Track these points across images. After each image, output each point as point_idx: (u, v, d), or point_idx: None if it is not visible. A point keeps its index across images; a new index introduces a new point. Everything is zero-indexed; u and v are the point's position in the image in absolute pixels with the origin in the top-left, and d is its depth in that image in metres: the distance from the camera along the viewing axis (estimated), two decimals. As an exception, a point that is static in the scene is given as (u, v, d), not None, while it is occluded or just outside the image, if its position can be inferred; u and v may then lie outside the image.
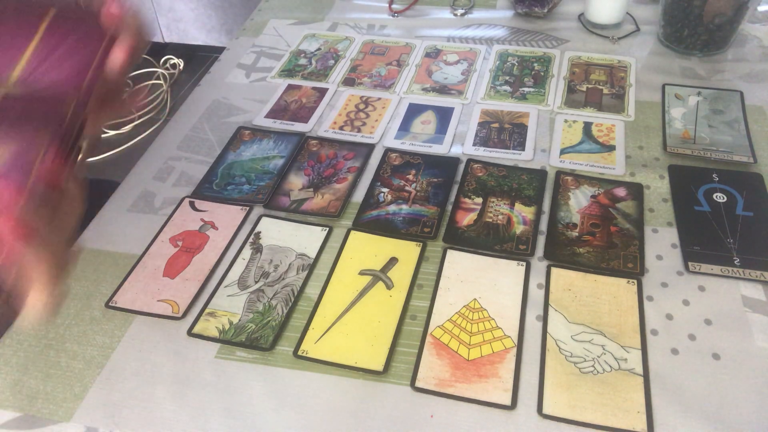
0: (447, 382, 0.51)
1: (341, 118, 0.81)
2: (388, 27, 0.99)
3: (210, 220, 0.67)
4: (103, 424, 0.50)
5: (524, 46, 0.93)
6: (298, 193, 0.69)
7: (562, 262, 0.60)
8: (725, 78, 0.83)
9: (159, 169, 0.74)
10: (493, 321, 0.55)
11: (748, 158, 0.70)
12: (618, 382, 0.50)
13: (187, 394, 0.51)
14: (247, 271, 0.61)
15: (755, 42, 0.91)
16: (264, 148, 0.76)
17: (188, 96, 0.87)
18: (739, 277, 0.57)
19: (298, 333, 0.55)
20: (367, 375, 0.52)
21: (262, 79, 0.89)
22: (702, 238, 0.61)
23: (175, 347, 0.55)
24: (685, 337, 0.53)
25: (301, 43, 0.96)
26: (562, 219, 0.64)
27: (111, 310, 0.58)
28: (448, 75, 0.87)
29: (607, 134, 0.75)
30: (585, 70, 0.86)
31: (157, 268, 0.62)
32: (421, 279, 0.60)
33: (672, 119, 0.77)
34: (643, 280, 0.58)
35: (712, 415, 0.48)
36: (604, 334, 0.54)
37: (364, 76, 0.88)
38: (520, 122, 0.78)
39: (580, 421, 0.48)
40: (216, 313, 0.57)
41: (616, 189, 0.67)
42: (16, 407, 0.51)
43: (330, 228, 0.65)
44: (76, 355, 0.55)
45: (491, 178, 0.70)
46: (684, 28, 0.86)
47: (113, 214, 0.69)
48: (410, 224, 0.65)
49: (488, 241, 0.62)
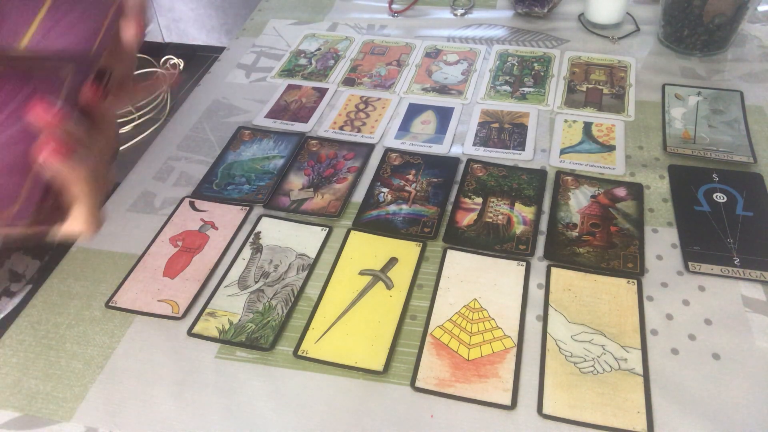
0: (447, 382, 0.51)
1: (341, 118, 0.81)
2: (388, 27, 0.99)
3: (210, 220, 0.67)
4: (103, 424, 0.50)
5: (524, 46, 0.93)
6: (298, 193, 0.69)
7: (562, 262, 0.60)
8: (725, 78, 0.83)
9: (159, 169, 0.74)
10: (493, 321, 0.55)
11: (748, 158, 0.70)
12: (618, 382, 0.50)
13: (187, 394, 0.51)
14: (247, 271, 0.61)
15: (755, 42, 0.91)
16: (264, 148, 0.76)
17: (188, 96, 0.87)
18: (739, 277, 0.57)
19: (298, 333, 0.55)
20: (367, 375, 0.52)
21: (262, 79, 0.89)
22: (702, 238, 0.61)
23: (175, 347, 0.55)
24: (685, 337, 0.53)
25: (301, 43, 0.96)
26: (562, 219, 0.64)
27: (111, 310, 0.58)
28: (448, 75, 0.88)
29: (607, 134, 0.75)
30: (585, 70, 0.86)
31: (157, 268, 0.62)
32: (421, 279, 0.60)
33: (672, 119, 0.77)
34: (643, 280, 0.58)
35: (712, 415, 0.48)
36: (604, 334, 0.54)
37: (364, 76, 0.88)
38: (520, 122, 0.78)
39: (580, 421, 0.48)
40: (216, 313, 0.57)
41: (616, 189, 0.67)
42: (16, 407, 0.51)
43: (330, 228, 0.65)
44: (76, 355, 0.55)
45: (491, 178, 0.70)
46: (684, 28, 0.86)
47: (113, 214, 0.69)
48: (410, 224, 0.65)
49: (488, 241, 0.62)
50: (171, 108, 2.18)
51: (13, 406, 0.51)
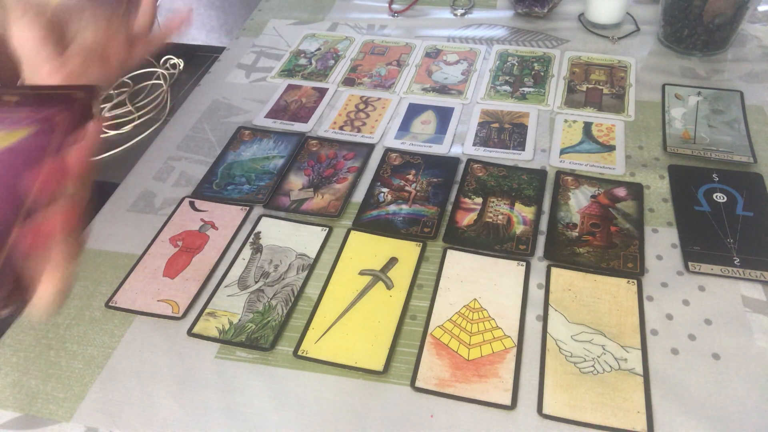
0: (447, 382, 0.51)
1: (341, 118, 0.81)
2: (388, 27, 0.99)
3: (210, 220, 0.67)
4: (103, 424, 0.50)
5: (524, 46, 0.93)
6: (298, 193, 0.69)
7: (562, 262, 0.60)
8: (725, 78, 0.83)
9: (159, 169, 0.74)
10: (493, 321, 0.55)
11: (748, 158, 0.70)
12: (618, 382, 0.50)
13: (187, 394, 0.51)
14: (247, 271, 0.61)
15: (755, 42, 0.91)
16: (264, 148, 0.76)
17: (188, 96, 0.87)
18: (739, 277, 0.57)
19: (298, 333, 0.55)
20: (367, 375, 0.52)
21: (262, 79, 0.89)
22: (702, 238, 0.61)
23: (175, 347, 0.55)
24: (685, 337, 0.53)
25: (301, 43, 0.96)
26: (562, 219, 0.64)
27: (111, 310, 0.58)
28: (448, 75, 0.87)
29: (607, 134, 0.75)
30: (585, 70, 0.86)
31: (157, 268, 0.62)
32: (421, 279, 0.60)
33: (672, 119, 0.77)
34: (643, 280, 0.58)
35: (712, 415, 0.48)
36: (604, 334, 0.54)
37: (364, 76, 0.88)
38: (520, 122, 0.78)
39: (580, 421, 0.48)
40: (216, 313, 0.57)
41: (616, 189, 0.67)
42: (16, 407, 0.51)
43: (330, 228, 0.65)
44: (76, 355, 0.55)
45: (491, 178, 0.70)
46: (684, 28, 0.86)
47: (113, 214, 0.69)
48: (410, 224, 0.65)
49: (488, 241, 0.62)
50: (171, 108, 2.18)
51: (13, 406, 0.51)
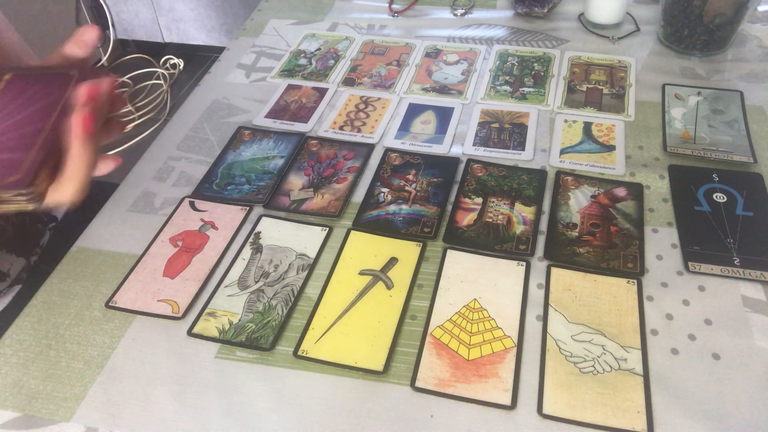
0: (447, 382, 0.51)
1: (341, 118, 0.81)
2: (388, 27, 0.99)
3: (210, 220, 0.67)
4: (103, 424, 0.50)
5: (524, 46, 0.93)
6: (298, 193, 0.69)
7: (562, 262, 0.60)
8: (725, 78, 0.83)
9: (159, 169, 0.74)
10: (493, 321, 0.55)
11: (748, 158, 0.70)
12: (618, 382, 0.50)
13: (187, 394, 0.51)
14: (247, 271, 0.61)
15: (755, 42, 0.91)
16: (264, 148, 0.76)
17: (188, 96, 0.87)
18: (739, 277, 0.57)
19: (298, 333, 0.55)
20: (367, 375, 0.52)
21: (262, 79, 0.89)
22: (702, 238, 0.61)
23: (175, 347, 0.55)
24: (685, 337, 0.53)
25: (301, 43, 0.96)
26: (562, 219, 0.64)
27: (111, 310, 0.58)
28: (448, 75, 0.87)
29: (607, 134, 0.75)
30: (585, 70, 0.86)
31: (157, 268, 0.62)
32: (421, 279, 0.60)
33: (672, 119, 0.77)
34: (643, 280, 0.58)
35: (712, 415, 0.48)
36: (604, 334, 0.54)
37: (364, 76, 0.88)
38: (520, 122, 0.78)
39: (580, 421, 0.48)
40: (216, 313, 0.57)
41: (616, 189, 0.67)
42: (16, 407, 0.51)
43: (330, 228, 0.65)
44: (76, 355, 0.55)
45: (491, 178, 0.70)
46: (684, 28, 0.86)
47: (113, 214, 0.69)
48: (410, 224, 0.65)
49: (488, 241, 0.62)
50: (171, 108, 2.18)
51: (13, 406, 0.51)
